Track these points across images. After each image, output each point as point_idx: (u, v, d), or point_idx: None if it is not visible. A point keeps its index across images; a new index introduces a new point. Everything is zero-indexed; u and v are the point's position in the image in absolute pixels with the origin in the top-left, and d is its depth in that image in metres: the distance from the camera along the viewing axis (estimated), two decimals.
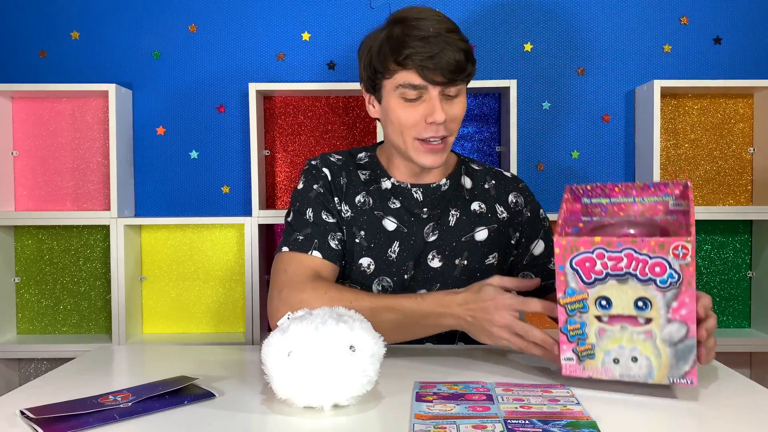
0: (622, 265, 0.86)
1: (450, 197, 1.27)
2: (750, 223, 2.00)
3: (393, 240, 1.23)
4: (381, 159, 1.29)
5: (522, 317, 1.04)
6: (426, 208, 1.25)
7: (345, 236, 1.23)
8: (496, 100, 2.01)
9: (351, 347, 0.82)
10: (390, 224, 1.24)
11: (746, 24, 1.98)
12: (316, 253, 1.18)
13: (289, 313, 0.90)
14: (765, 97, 1.93)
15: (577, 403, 0.84)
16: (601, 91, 1.99)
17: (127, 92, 1.96)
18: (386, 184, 1.26)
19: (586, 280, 0.88)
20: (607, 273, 0.86)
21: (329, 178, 1.25)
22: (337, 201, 1.24)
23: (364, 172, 1.28)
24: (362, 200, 1.25)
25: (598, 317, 0.88)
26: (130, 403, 0.84)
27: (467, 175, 1.31)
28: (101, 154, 2.00)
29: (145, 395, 0.86)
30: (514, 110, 1.86)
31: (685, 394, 0.89)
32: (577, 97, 1.99)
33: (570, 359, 0.91)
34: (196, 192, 2.02)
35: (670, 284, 0.84)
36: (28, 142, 2.00)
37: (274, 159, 2.02)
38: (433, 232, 1.24)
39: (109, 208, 1.95)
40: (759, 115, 1.96)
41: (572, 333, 0.90)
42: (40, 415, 0.79)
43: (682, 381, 0.85)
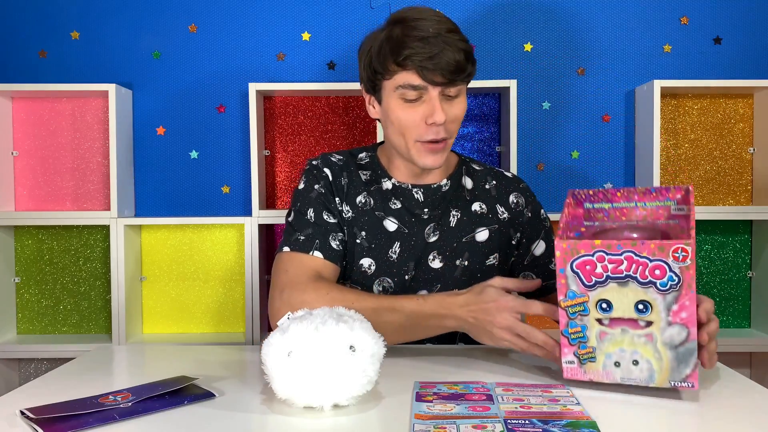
0: (623, 267, 0.86)
1: (451, 198, 1.27)
2: (750, 223, 2.00)
3: (394, 241, 1.23)
4: (381, 159, 1.29)
5: (523, 319, 1.04)
6: (427, 209, 1.25)
7: (346, 237, 1.23)
8: (496, 100, 2.01)
9: (351, 347, 0.82)
10: (391, 225, 1.24)
11: (746, 24, 1.98)
12: (318, 254, 1.18)
13: (289, 313, 0.90)
14: (765, 97, 1.93)
15: (577, 403, 0.84)
16: (601, 91, 1.99)
17: (127, 92, 1.96)
18: (387, 185, 1.26)
19: (587, 283, 0.88)
20: (608, 276, 0.86)
21: (330, 179, 1.25)
22: (338, 201, 1.24)
23: (365, 173, 1.28)
24: (363, 200, 1.25)
25: (598, 320, 0.88)
26: (130, 403, 0.84)
27: (468, 176, 1.30)
28: (101, 154, 2.00)
29: (145, 395, 0.86)
30: (514, 110, 1.86)
31: (685, 395, 0.89)
32: (577, 97, 1.99)
33: (571, 362, 0.91)
34: (196, 192, 2.02)
35: (671, 287, 0.84)
36: (28, 142, 2.00)
37: (274, 159, 2.02)
38: (434, 233, 1.24)
39: (109, 208, 1.95)
40: (759, 115, 1.96)
41: (573, 336, 0.90)
42: (40, 415, 0.79)
43: (683, 384, 0.85)
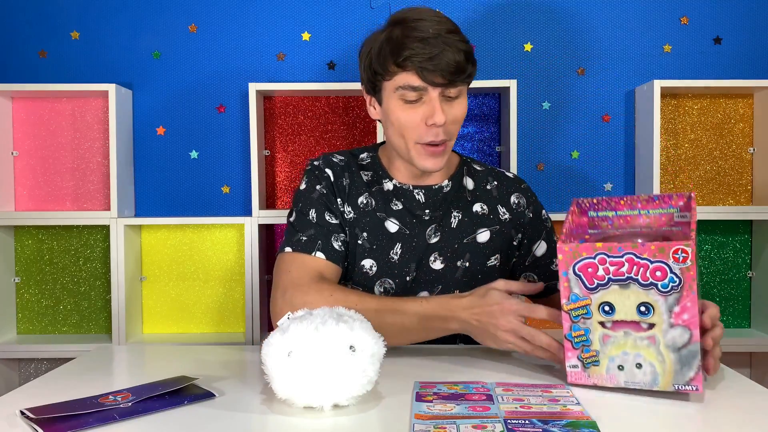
0: (624, 270, 0.86)
1: (452, 199, 1.26)
2: (750, 223, 2.00)
3: (395, 242, 1.23)
4: (383, 160, 1.29)
5: (524, 321, 1.04)
6: (428, 210, 1.25)
7: (347, 237, 1.23)
8: (496, 100, 2.01)
9: (351, 347, 0.82)
10: (392, 226, 1.23)
11: (746, 24, 1.98)
12: (320, 255, 1.18)
13: (289, 313, 0.90)
14: (765, 97, 1.93)
15: (577, 403, 0.84)
16: (601, 91, 1.99)
17: (127, 92, 1.96)
18: (388, 186, 1.26)
19: (589, 286, 0.88)
20: (610, 278, 0.86)
21: (332, 179, 1.25)
22: (339, 202, 1.24)
23: (367, 173, 1.27)
24: (365, 201, 1.25)
25: (601, 323, 0.88)
26: (130, 403, 0.84)
27: (469, 176, 1.30)
28: (101, 154, 2.00)
29: (145, 395, 0.86)
30: (514, 110, 1.86)
31: (685, 395, 0.89)
32: (577, 97, 1.99)
33: (575, 366, 0.91)
34: (196, 192, 2.02)
35: (672, 288, 0.84)
36: (28, 142, 2.00)
37: (274, 159, 2.02)
38: (435, 234, 1.24)
39: (109, 208, 1.95)
40: (759, 115, 1.96)
41: (576, 340, 0.90)
42: (40, 415, 0.79)
43: (687, 388, 0.85)
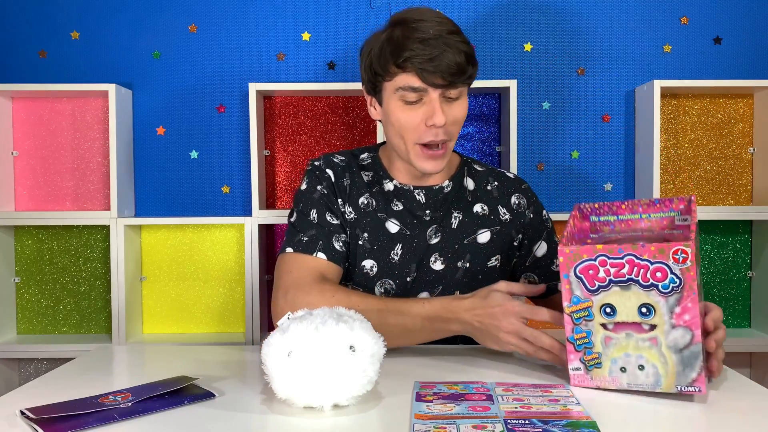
0: (624, 271, 0.86)
1: (452, 199, 1.26)
2: (750, 223, 2.00)
3: (396, 242, 1.23)
4: (383, 160, 1.29)
5: (526, 322, 1.04)
6: (428, 210, 1.25)
7: (348, 238, 1.23)
8: (496, 100, 2.01)
9: (351, 347, 0.82)
10: (393, 226, 1.23)
11: (746, 24, 1.98)
12: (321, 255, 1.18)
13: (289, 313, 0.90)
14: (765, 97, 1.93)
15: (577, 403, 0.84)
16: (601, 91, 1.99)
17: (127, 92, 1.96)
18: (389, 186, 1.26)
19: (590, 288, 0.88)
20: (610, 280, 0.87)
21: (333, 180, 1.25)
22: (340, 202, 1.24)
23: (367, 174, 1.27)
24: (366, 202, 1.24)
25: (603, 325, 0.88)
26: (130, 403, 0.84)
27: (470, 177, 1.30)
28: (101, 154, 2.00)
29: (145, 395, 0.86)
30: (514, 110, 1.86)
31: (685, 395, 0.89)
32: (577, 97, 1.99)
33: (577, 369, 0.91)
34: (196, 192, 2.02)
35: (672, 289, 0.84)
36: (28, 142, 2.00)
37: (274, 159, 2.02)
38: (436, 235, 1.24)
39: (109, 208, 1.95)
40: (759, 115, 1.96)
41: (579, 342, 0.90)
42: (40, 415, 0.79)
43: (690, 389, 0.85)
